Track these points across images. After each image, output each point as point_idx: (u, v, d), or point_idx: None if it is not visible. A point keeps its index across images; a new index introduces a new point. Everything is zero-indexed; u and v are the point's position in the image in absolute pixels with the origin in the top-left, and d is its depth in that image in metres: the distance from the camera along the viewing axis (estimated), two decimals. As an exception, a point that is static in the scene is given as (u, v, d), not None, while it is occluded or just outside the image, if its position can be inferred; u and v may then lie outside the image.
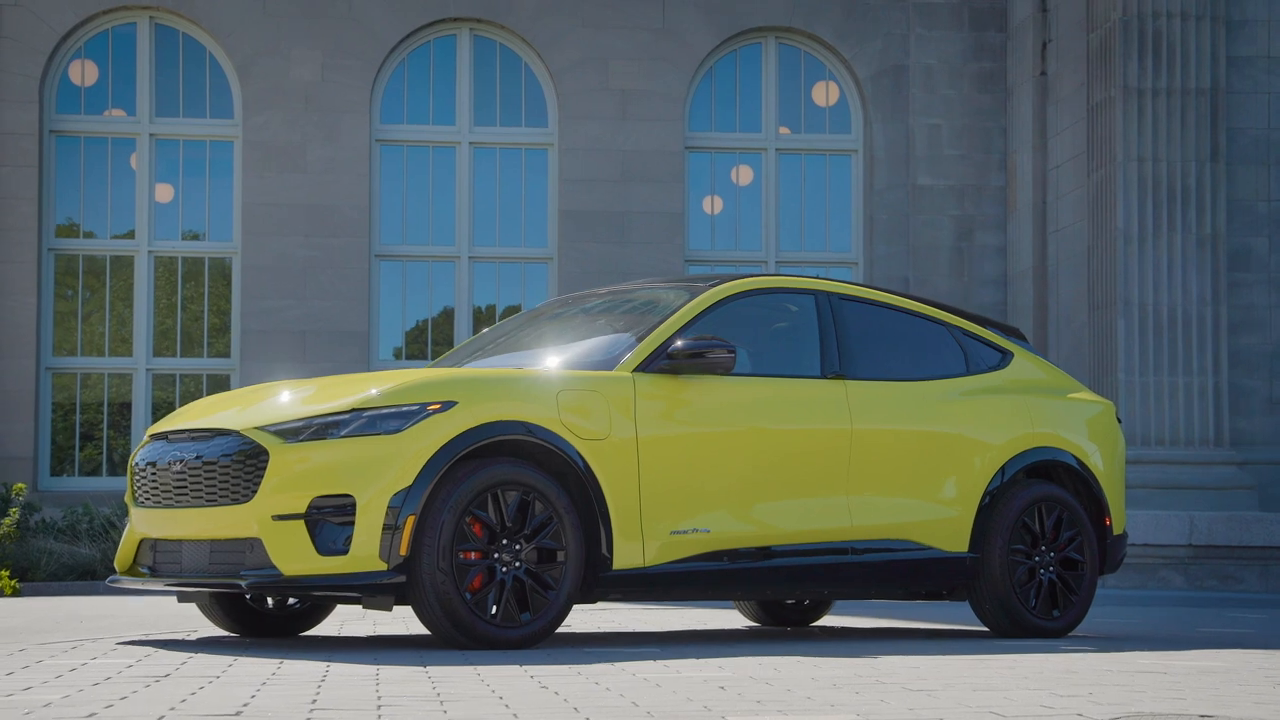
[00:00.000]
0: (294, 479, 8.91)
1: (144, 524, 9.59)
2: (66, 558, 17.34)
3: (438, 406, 9.01)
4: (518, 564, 9.10)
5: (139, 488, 9.64)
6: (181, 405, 21.48)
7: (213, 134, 22.11)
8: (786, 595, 10.33)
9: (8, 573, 16.36)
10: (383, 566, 8.82)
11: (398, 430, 8.93)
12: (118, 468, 21.77)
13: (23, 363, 21.47)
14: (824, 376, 10.22)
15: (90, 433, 21.96)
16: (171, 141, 22.12)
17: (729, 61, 22.58)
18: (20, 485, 18.35)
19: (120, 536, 17.59)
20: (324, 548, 8.85)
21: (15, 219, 21.49)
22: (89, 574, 17.44)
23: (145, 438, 9.89)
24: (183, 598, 10.02)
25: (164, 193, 22.13)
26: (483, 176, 22.35)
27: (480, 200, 22.32)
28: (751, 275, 10.37)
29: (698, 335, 9.72)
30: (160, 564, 9.51)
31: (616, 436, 9.40)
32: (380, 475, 8.86)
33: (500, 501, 9.08)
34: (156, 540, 9.52)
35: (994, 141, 22.37)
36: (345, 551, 8.81)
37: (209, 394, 22.11)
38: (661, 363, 9.66)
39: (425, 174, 22.32)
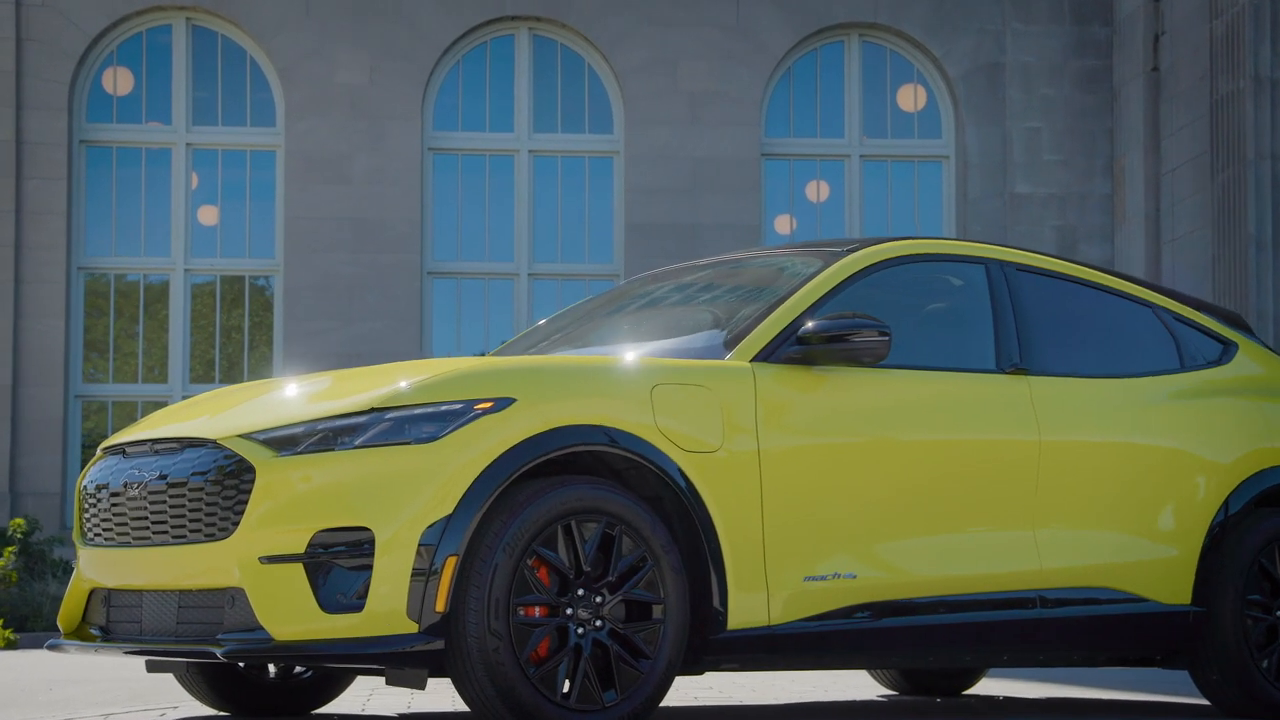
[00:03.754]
0: (289, 506, 6.13)
1: (95, 569, 6.78)
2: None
3: (489, 405, 6.18)
4: (599, 623, 6.28)
5: (88, 520, 6.81)
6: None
7: (254, 143, 19.38)
8: (957, 662, 7.36)
9: (2, 621, 13.46)
10: (412, 627, 6.01)
11: (434, 438, 6.12)
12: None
13: (50, 390, 18.76)
14: (1000, 371, 7.32)
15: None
16: (210, 152, 19.40)
17: (808, 61, 19.70)
18: (19, 521, 15.46)
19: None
20: (331, 602, 6.06)
21: (43, 235, 18.82)
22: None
23: (98, 453, 7.04)
24: (153, 665, 7.11)
25: (202, 206, 19.35)
26: (543, 187, 19.49)
27: (540, 213, 19.47)
28: (902, 238, 7.43)
29: (836, 313, 6.82)
30: (116, 623, 6.71)
31: (732, 448, 6.54)
32: (409, 500, 6.07)
33: (575, 537, 6.26)
34: (111, 591, 6.72)
35: (1099, 145, 19.39)
36: (360, 607, 6.01)
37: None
38: (789, 349, 6.79)
39: (481, 185, 19.50)
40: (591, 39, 19.34)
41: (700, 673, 6.71)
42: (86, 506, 6.83)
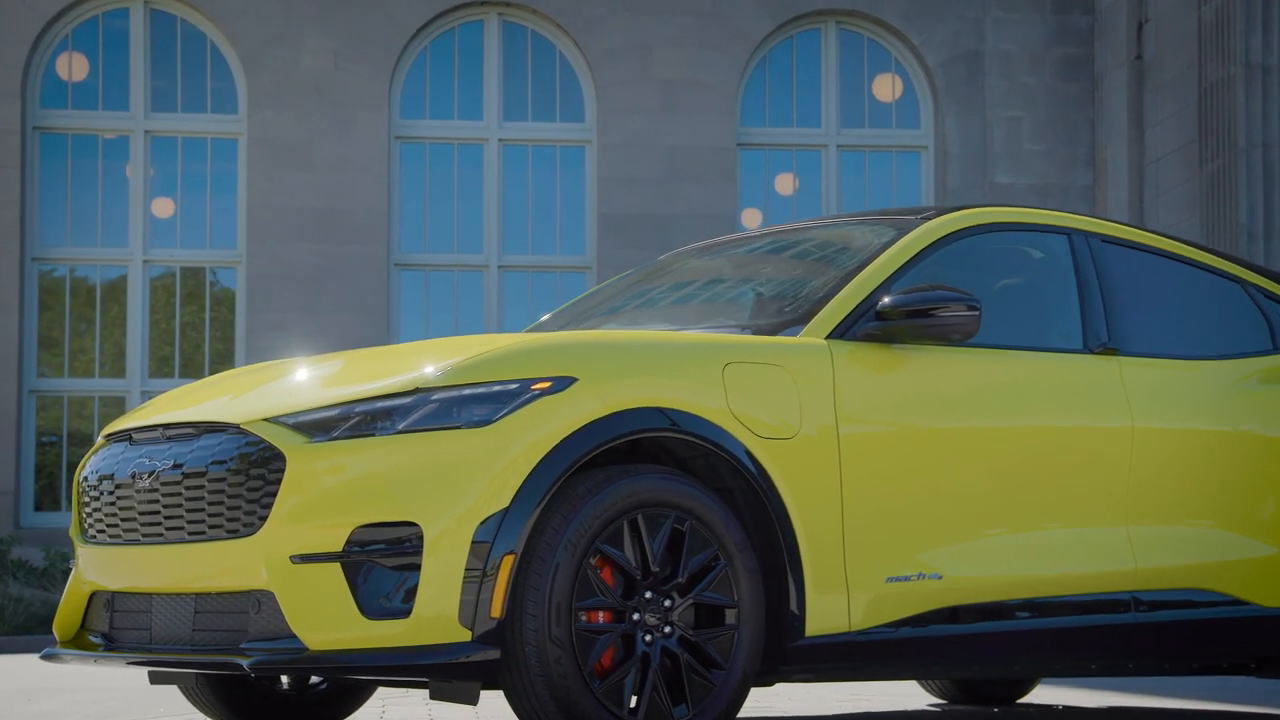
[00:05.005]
0: (324, 499, 5.36)
1: (96, 570, 5.99)
2: (39, 606, 13.62)
3: (547, 385, 5.43)
4: (668, 629, 5.53)
5: (89, 515, 6.03)
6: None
7: (215, 131, 18.52)
8: (1041, 672, 6.61)
9: (-38, 626, 12.61)
10: (465, 635, 5.26)
11: (486, 421, 5.35)
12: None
13: (3, 386, 17.91)
14: (1088, 351, 6.60)
15: (79, 463, 18.22)
16: (169, 139, 18.53)
17: (784, 49, 18.98)
18: (-24, 519, 14.56)
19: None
20: (372, 606, 5.29)
21: (-5, 225, 17.88)
22: (63, 625, 13.65)
23: (99, 439, 6.24)
24: (156, 677, 6.32)
25: (161, 196, 18.46)
26: (513, 177, 18.69)
27: (510, 203, 18.68)
28: (978, 206, 6.70)
29: (918, 286, 6.09)
30: (120, 630, 5.92)
31: (809, 433, 5.81)
32: (460, 492, 5.30)
33: (641, 533, 5.47)
34: (114, 594, 5.94)
35: (1080, 135, 18.74)
36: (406, 612, 5.25)
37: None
38: (868, 325, 6.06)
39: (449, 174, 18.70)
40: (563, 25, 18.58)
41: (772, 683, 5.97)
42: (87, 500, 6.05)
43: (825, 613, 5.79)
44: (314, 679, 6.66)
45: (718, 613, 5.62)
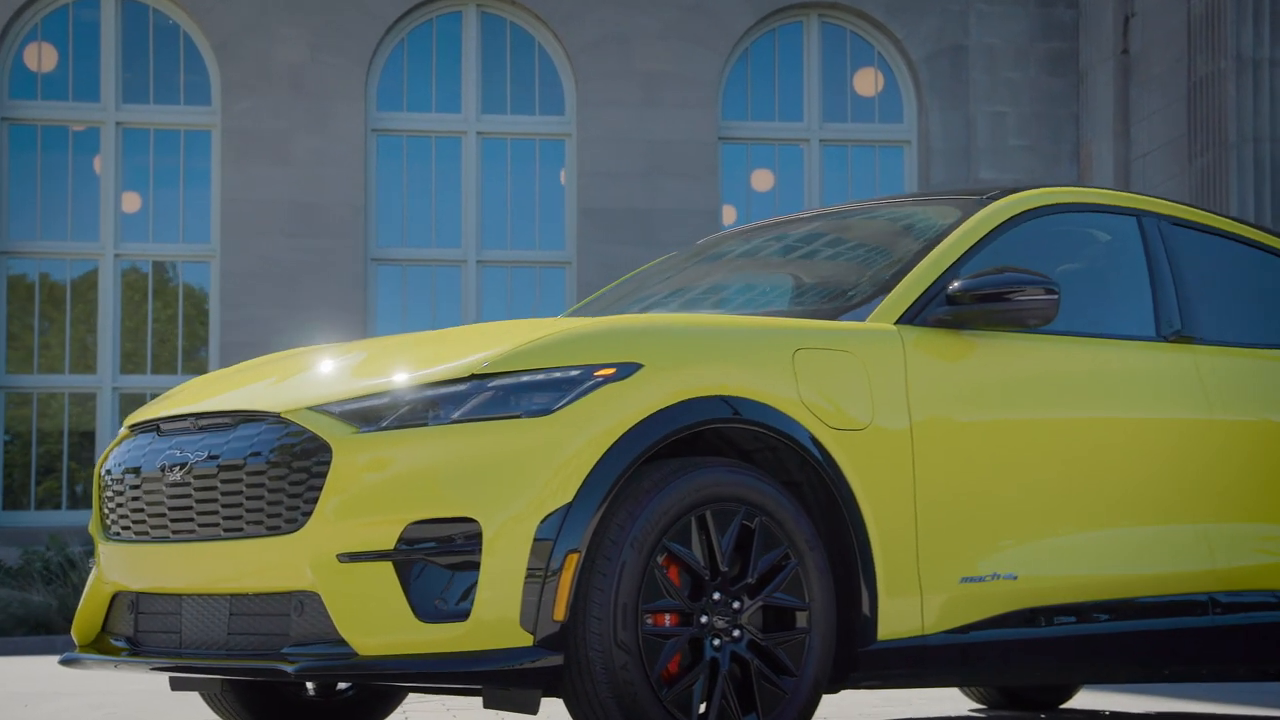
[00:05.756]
0: (374, 493, 4.96)
1: (120, 569, 5.57)
2: (16, 607, 13.14)
3: (611, 371, 5.05)
4: (736, 633, 5.12)
5: (111, 511, 5.60)
6: (152, 428, 17.29)
7: (188, 123, 18.05)
8: (1119, 677, 6.23)
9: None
10: (526, 640, 4.85)
11: (547, 410, 4.96)
12: (79, 500, 17.53)
13: (-30, 382, 17.33)
14: (1160, 339, 6.24)
15: (50, 463, 17.74)
16: (141, 131, 18.04)
17: (766, 42, 18.61)
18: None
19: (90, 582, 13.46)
20: (427, 608, 4.90)
21: (-38, 218, 17.39)
22: (43, 627, 13.21)
23: (122, 430, 5.81)
24: (178, 683, 5.89)
25: (132, 188, 17.97)
26: (491, 171, 18.27)
27: (489, 197, 18.26)
28: (1043, 186, 6.32)
29: (989, 269, 5.72)
30: (146, 634, 5.50)
31: (881, 425, 5.43)
32: (520, 486, 4.91)
33: (710, 530, 5.07)
34: (140, 595, 5.52)
35: (1065, 130, 18.42)
36: (464, 614, 4.85)
37: (183, 415, 17.99)
38: (938, 310, 5.69)
39: (427, 168, 18.27)
40: (542, 17, 18.17)
41: (837, 690, 5.59)
42: (110, 495, 5.63)
43: (898, 615, 5.43)
44: (341, 684, 6.26)
45: (788, 615, 5.24)
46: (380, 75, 18.18)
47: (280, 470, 5.07)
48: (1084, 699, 8.11)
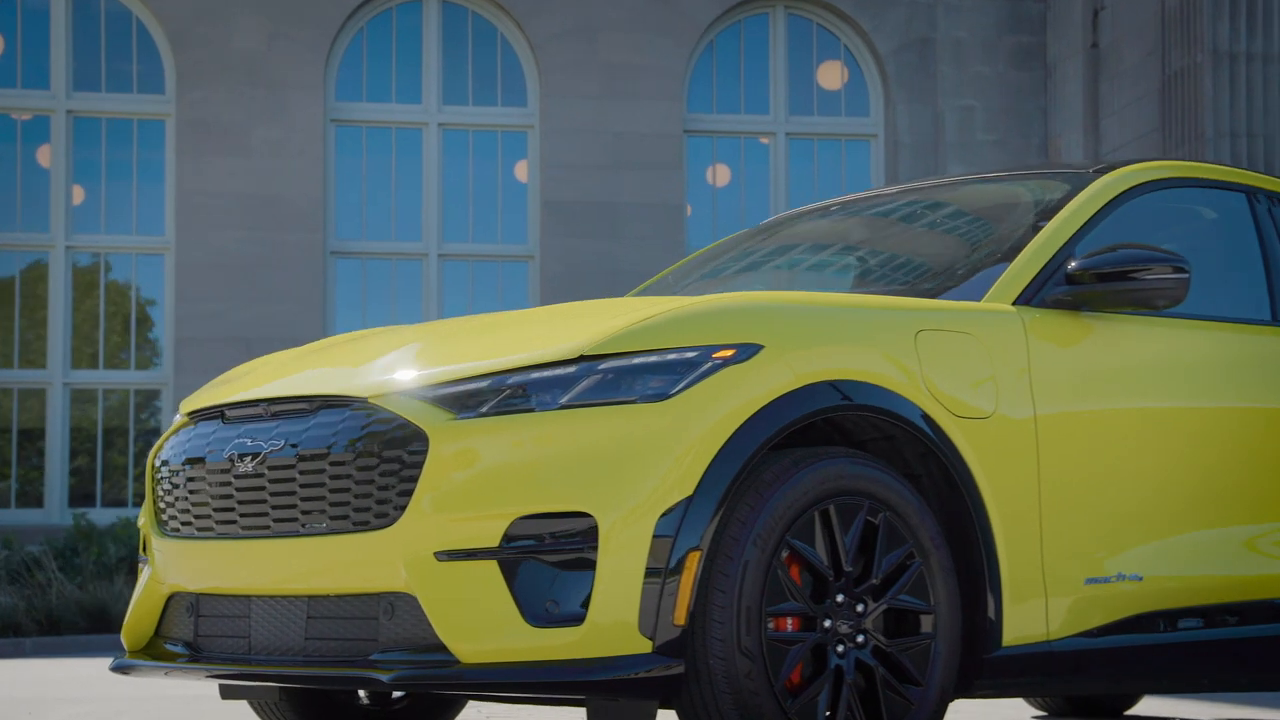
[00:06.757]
0: (476, 486, 4.50)
1: (178, 568, 5.07)
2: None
3: (730, 353, 4.60)
4: (860, 639, 4.65)
5: (168, 504, 5.11)
6: (107, 425, 16.75)
7: (141, 112, 17.45)
8: (1244, 684, 5.81)
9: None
10: (644, 646, 4.41)
11: (663, 395, 4.51)
12: (30, 499, 16.87)
13: (-85, 377, 16.68)
14: (1278, 323, 5.82)
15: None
16: (92, 120, 17.43)
17: (731, 34, 18.17)
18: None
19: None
20: (537, 612, 4.44)
21: (-93, 209, 16.72)
22: (12, 629, 12.59)
23: (179, 418, 5.31)
24: (231, 691, 5.39)
25: (84, 179, 17.34)
26: (453, 162, 17.76)
27: (450, 190, 17.75)
28: (1150, 160, 5.90)
29: (1109, 246, 5.30)
30: (208, 637, 5.00)
31: (1005, 414, 5.02)
32: (637, 478, 4.46)
33: (833, 527, 4.61)
34: (201, 596, 5.00)
35: (1034, 124, 18.09)
36: (579, 618, 4.40)
37: (138, 413, 17.40)
38: (1056, 290, 5.27)
39: (387, 159, 17.74)
40: (505, 6, 17.69)
41: (953, 699, 5.14)
42: (167, 488, 5.13)
43: (1023, 620, 5.00)
44: (396, 692, 5.77)
45: (911, 620, 4.82)
46: (339, 65, 17.64)
47: (368, 460, 4.59)
48: (1148, 705, 7.72)
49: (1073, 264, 5.28)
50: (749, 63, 18.21)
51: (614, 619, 4.40)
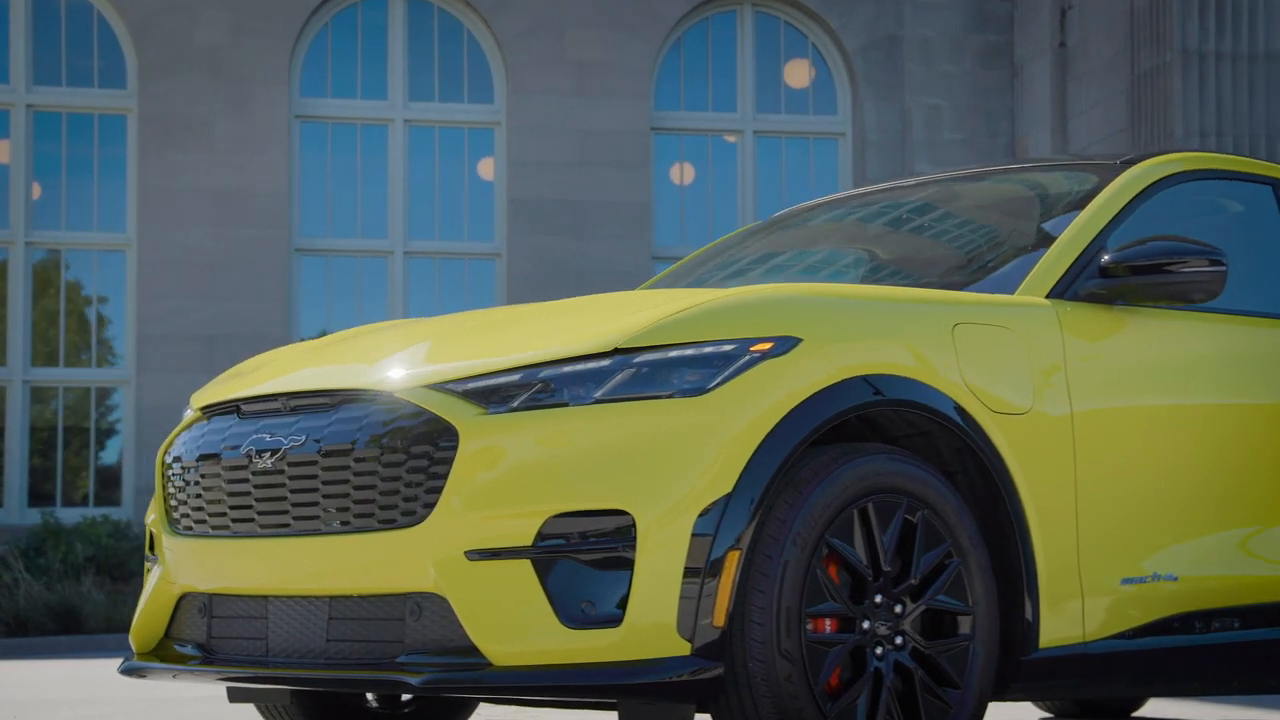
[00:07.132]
0: (508, 482, 4.36)
1: (190, 568, 4.89)
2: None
3: (768, 346, 4.46)
4: (899, 640, 4.50)
5: (180, 502, 4.93)
6: (67, 422, 16.49)
7: (102, 106, 17.19)
8: (1264, 689, 5.67)
9: None
10: (683, 648, 4.26)
11: (700, 389, 4.36)
12: (-11, 497, 16.60)
13: None
14: None
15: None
16: (53, 115, 17.14)
17: (699, 31, 18.03)
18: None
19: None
20: (573, 613, 4.29)
21: None
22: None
23: (191, 413, 5.13)
24: (240, 694, 5.21)
25: (44, 175, 17.07)
26: (419, 159, 17.57)
27: (416, 187, 17.56)
28: (1176, 152, 5.77)
29: (1143, 238, 5.18)
30: (221, 639, 4.83)
31: (1042, 410, 4.90)
32: (674, 474, 4.31)
33: (872, 525, 4.47)
34: (214, 597, 4.81)
35: (1001, 123, 18.01)
36: (617, 619, 4.25)
37: (98, 411, 17.14)
38: (1089, 283, 5.15)
39: (353, 156, 17.53)
40: (471, 3, 17.51)
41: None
42: (179, 485, 4.95)
43: (1060, 621, 4.88)
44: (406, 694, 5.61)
45: (949, 621, 4.69)
46: (304, 59, 17.43)
47: (395, 456, 4.43)
48: (1154, 708, 7.61)
49: (1106, 257, 5.16)
50: (716, 60, 18.08)
51: (652, 620, 4.26)
